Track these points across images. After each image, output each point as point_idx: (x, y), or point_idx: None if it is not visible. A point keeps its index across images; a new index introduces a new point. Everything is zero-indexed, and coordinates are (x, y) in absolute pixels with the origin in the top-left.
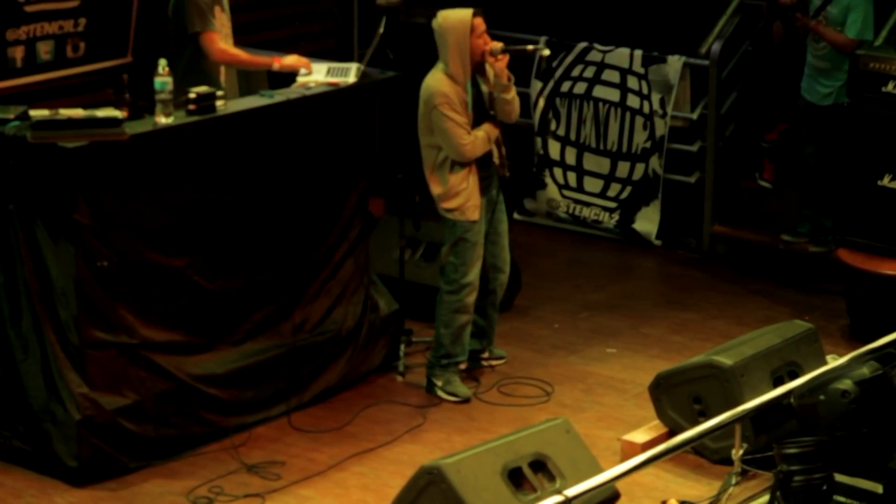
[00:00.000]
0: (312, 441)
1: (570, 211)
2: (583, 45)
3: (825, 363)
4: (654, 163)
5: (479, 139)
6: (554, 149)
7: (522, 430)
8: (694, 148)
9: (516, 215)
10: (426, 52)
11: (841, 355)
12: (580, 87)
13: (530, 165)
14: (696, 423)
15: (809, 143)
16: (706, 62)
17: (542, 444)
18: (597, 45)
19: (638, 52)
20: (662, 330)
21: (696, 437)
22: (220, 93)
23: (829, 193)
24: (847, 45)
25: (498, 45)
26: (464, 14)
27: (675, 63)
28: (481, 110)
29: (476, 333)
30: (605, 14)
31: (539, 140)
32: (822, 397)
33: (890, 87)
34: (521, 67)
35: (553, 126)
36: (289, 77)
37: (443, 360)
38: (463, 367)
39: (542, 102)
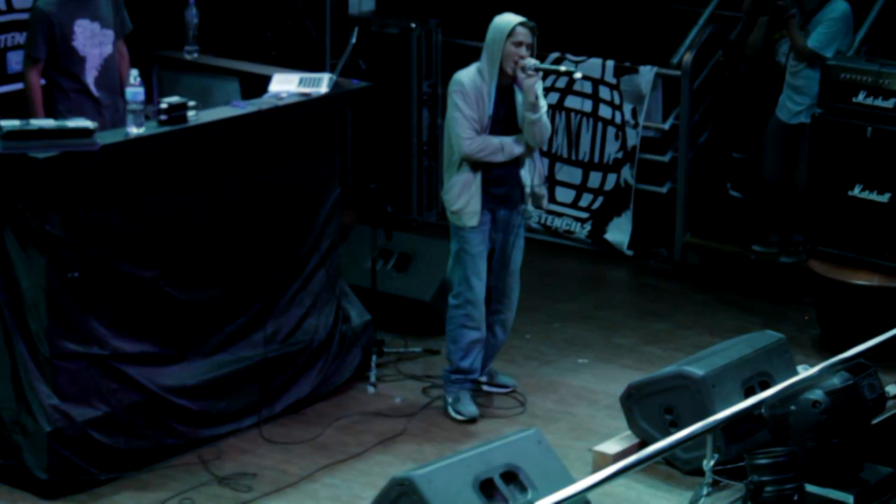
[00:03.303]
0: (284, 452)
1: (542, 221)
2: (555, 55)
3: (796, 373)
4: (626, 173)
5: (490, 144)
6: None
7: (494, 440)
8: (666, 158)
9: None
10: (398, 63)
11: (812, 366)
12: (552, 98)
13: None
14: (667, 433)
15: (774, 163)
16: (678, 73)
17: (514, 455)
18: (569, 56)
19: (610, 63)
20: (634, 340)
21: (667, 448)
22: (191, 103)
23: (796, 211)
24: (801, 51)
25: (532, 60)
26: (512, 17)
27: (647, 73)
28: (512, 124)
29: None
30: (578, 24)
31: None
32: (793, 408)
33: (860, 97)
34: None
35: None
36: (261, 87)
37: (453, 375)
38: (475, 384)
39: None
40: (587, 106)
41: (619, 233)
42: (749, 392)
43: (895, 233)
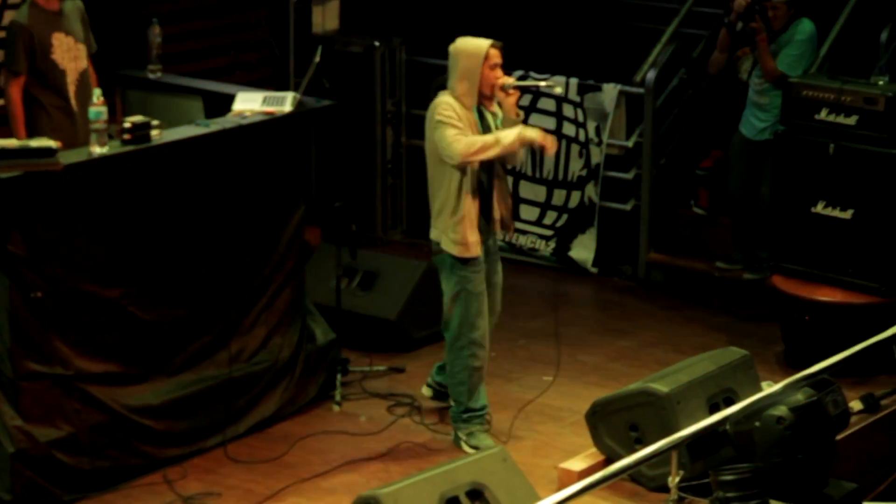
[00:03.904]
0: (249, 472)
1: (507, 239)
2: (519, 72)
3: (760, 390)
4: (590, 190)
5: (479, 138)
6: None
7: (459, 458)
8: (629, 176)
9: None
10: (362, 81)
11: (776, 382)
12: None
13: None
14: (632, 450)
15: (738, 179)
16: (641, 90)
17: (479, 473)
18: (532, 74)
19: (573, 80)
20: (599, 357)
21: (632, 465)
22: (155, 122)
23: (760, 227)
24: (771, 73)
25: (510, 80)
26: (481, 41)
27: (610, 91)
28: None
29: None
30: (542, 42)
31: None
32: (757, 424)
33: (823, 114)
34: None
35: None
36: (224, 106)
37: (464, 415)
38: (487, 425)
39: None
40: (551, 124)
41: (583, 250)
42: (714, 408)
43: (858, 249)
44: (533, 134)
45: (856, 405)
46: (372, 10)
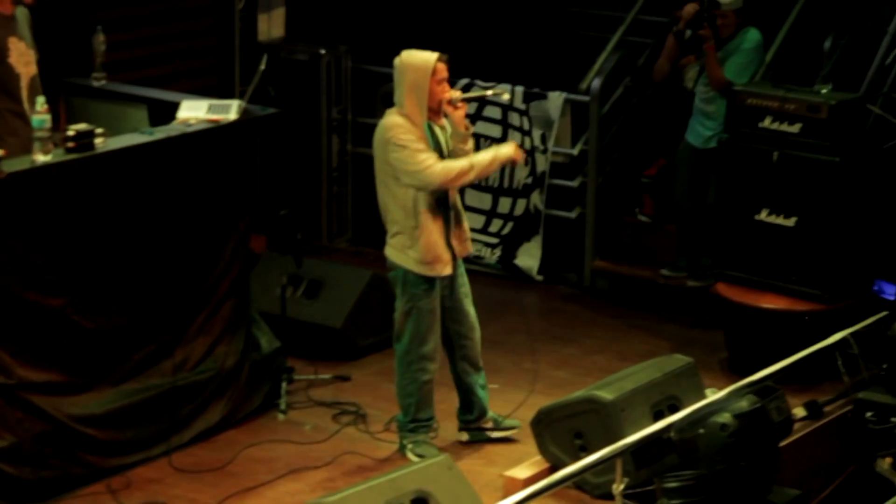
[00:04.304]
0: (194, 481)
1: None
2: (464, 81)
3: (704, 397)
4: (536, 198)
5: (456, 164)
6: None
7: (404, 467)
8: (575, 183)
9: None
10: (308, 89)
11: (720, 389)
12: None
13: None
14: (577, 457)
15: (683, 186)
16: (587, 98)
17: (425, 481)
18: (478, 82)
19: (519, 89)
20: (544, 365)
21: (577, 472)
22: (99, 130)
23: (704, 235)
24: (718, 81)
25: (457, 93)
26: (428, 55)
27: (555, 99)
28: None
29: (464, 405)
30: (487, 50)
31: None
32: (701, 431)
33: (767, 122)
34: None
35: None
36: (169, 114)
37: (411, 424)
38: (433, 434)
39: None
40: (496, 132)
41: (528, 258)
42: (658, 416)
43: (802, 256)
44: (508, 151)
45: (799, 412)
46: (318, 18)
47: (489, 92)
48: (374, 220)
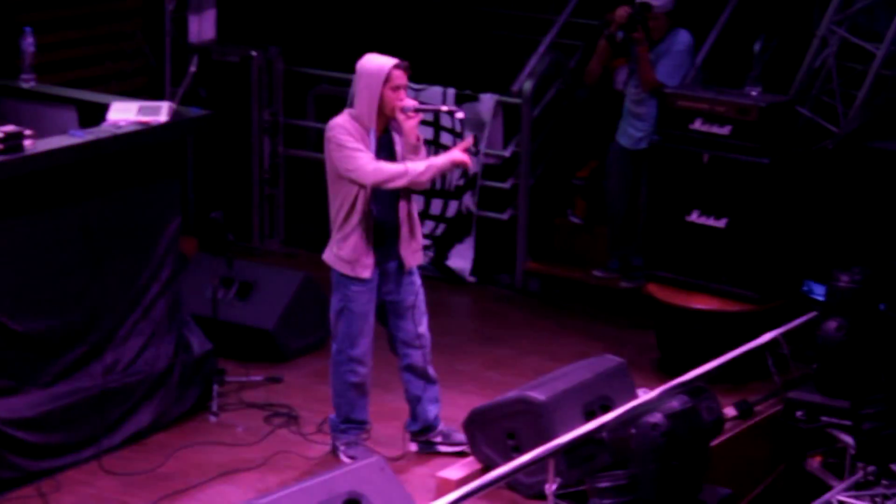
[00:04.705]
0: (124, 484)
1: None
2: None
3: (636, 397)
4: (468, 200)
5: (391, 167)
6: None
7: (337, 468)
8: (507, 185)
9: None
10: (239, 91)
11: (652, 389)
12: None
13: None
14: (510, 458)
15: (615, 188)
16: (518, 100)
17: (357, 482)
18: (410, 84)
19: (451, 91)
20: (477, 366)
21: (509, 473)
22: (27, 132)
23: (635, 236)
24: (650, 83)
25: (411, 102)
26: (385, 60)
27: (487, 101)
28: None
29: (411, 414)
30: (418, 53)
31: None
32: (633, 431)
33: (697, 124)
34: (340, 105)
35: None
36: (99, 115)
37: (342, 425)
38: (365, 435)
39: None
40: (428, 134)
41: (461, 259)
42: (590, 416)
43: (732, 257)
44: (449, 158)
45: (730, 411)
46: (249, 20)
47: (444, 108)
48: (305, 221)
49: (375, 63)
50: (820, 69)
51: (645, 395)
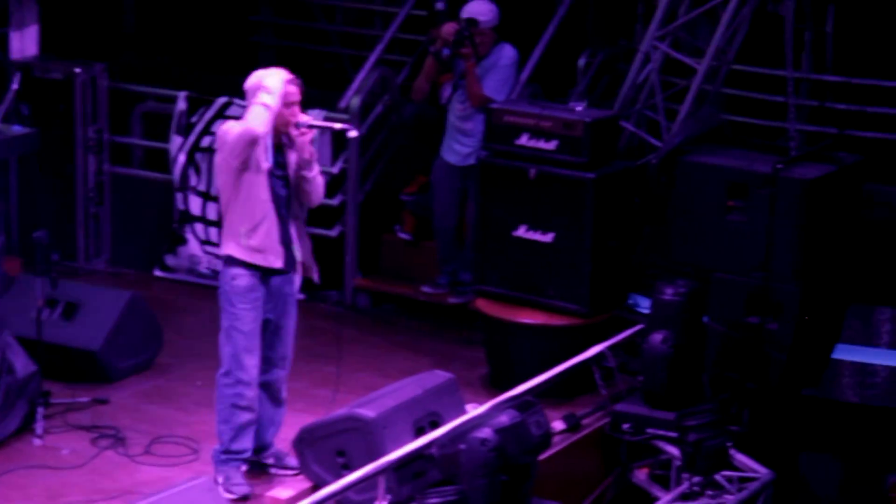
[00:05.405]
0: None
1: (212, 266)
2: (223, 99)
3: (465, 412)
4: None
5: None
6: (195, 204)
7: (165, 490)
8: (335, 202)
9: (157, 272)
10: (63, 108)
11: (481, 404)
12: (206, 140)
13: (171, 221)
14: (340, 476)
15: (442, 204)
16: (346, 116)
17: (185, 503)
18: (237, 101)
19: None
20: (306, 384)
21: (339, 491)
22: None
23: (463, 252)
24: (478, 98)
25: (304, 118)
26: (280, 75)
27: (316, 116)
28: (288, 180)
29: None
30: (245, 67)
31: (180, 195)
32: (462, 446)
33: (523, 139)
34: (165, 123)
35: (194, 181)
36: None
37: (223, 455)
38: (244, 467)
39: (182, 157)
40: None
41: None
42: (420, 432)
43: (559, 272)
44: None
45: (558, 425)
46: (72, 36)
47: (337, 125)
48: (131, 240)
49: (269, 78)
50: (643, 84)
51: (474, 411)
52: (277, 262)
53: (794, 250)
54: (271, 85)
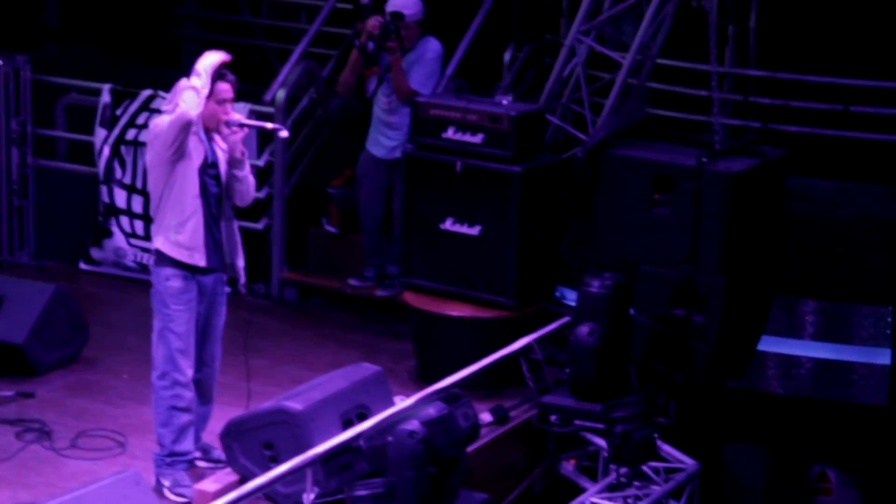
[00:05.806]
0: None
1: (138, 259)
2: (148, 92)
3: (393, 405)
4: None
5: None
6: (120, 197)
7: (91, 483)
8: (262, 195)
9: (83, 265)
10: None
11: (409, 396)
12: (145, 135)
13: (96, 214)
14: (267, 468)
15: (369, 197)
16: (272, 109)
17: (112, 498)
18: (161, 93)
19: None
20: (233, 377)
21: (267, 484)
22: None
23: (390, 244)
24: (404, 92)
25: (236, 116)
26: (213, 57)
27: (240, 110)
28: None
29: None
30: (170, 59)
31: (105, 188)
32: (390, 438)
33: (449, 132)
34: (90, 115)
35: (119, 174)
36: None
37: (167, 459)
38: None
39: (107, 150)
40: None
41: None
42: (348, 424)
43: (486, 264)
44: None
45: (486, 417)
46: None
47: (269, 124)
48: (56, 233)
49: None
50: (569, 78)
51: (401, 403)
52: (201, 261)
53: (719, 243)
54: (201, 67)
